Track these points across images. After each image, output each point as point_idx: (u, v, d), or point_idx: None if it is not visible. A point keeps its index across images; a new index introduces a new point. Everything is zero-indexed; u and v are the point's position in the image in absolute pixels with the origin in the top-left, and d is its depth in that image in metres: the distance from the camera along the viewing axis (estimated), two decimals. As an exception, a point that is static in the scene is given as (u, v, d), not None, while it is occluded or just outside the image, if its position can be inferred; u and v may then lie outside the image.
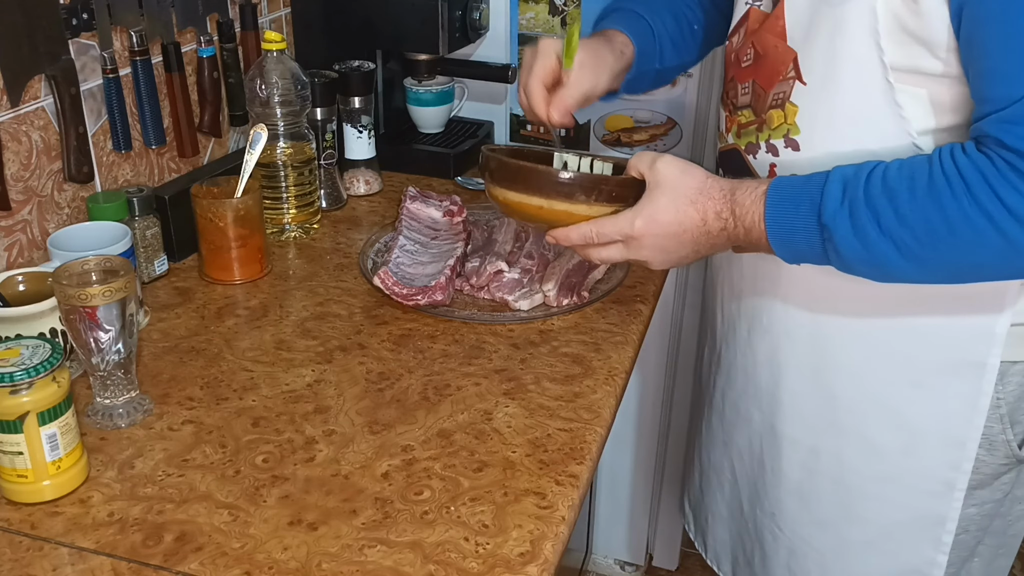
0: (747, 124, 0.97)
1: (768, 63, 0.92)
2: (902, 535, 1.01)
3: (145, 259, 1.16)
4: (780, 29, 0.90)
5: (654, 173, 0.90)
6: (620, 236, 0.91)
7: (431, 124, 1.63)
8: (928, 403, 0.94)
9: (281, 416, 0.93)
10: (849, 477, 1.01)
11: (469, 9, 1.49)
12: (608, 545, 2.07)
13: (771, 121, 0.93)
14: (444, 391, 0.98)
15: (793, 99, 0.90)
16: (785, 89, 0.91)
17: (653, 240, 0.90)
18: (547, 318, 1.12)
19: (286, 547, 0.77)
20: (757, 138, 0.96)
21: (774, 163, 0.94)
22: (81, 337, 0.87)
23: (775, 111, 0.93)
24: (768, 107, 0.93)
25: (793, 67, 0.89)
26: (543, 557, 0.76)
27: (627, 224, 0.90)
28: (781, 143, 0.93)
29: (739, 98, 0.98)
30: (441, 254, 1.21)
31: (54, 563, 0.75)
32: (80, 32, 1.12)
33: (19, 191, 1.08)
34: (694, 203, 0.88)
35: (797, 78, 0.89)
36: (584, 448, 0.89)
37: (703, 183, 0.88)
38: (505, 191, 0.98)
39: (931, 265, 0.80)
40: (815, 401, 1.01)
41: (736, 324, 1.10)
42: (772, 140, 0.94)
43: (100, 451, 0.88)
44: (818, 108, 0.89)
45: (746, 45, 0.95)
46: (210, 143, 1.41)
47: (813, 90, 0.89)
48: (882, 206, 0.78)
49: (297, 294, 1.17)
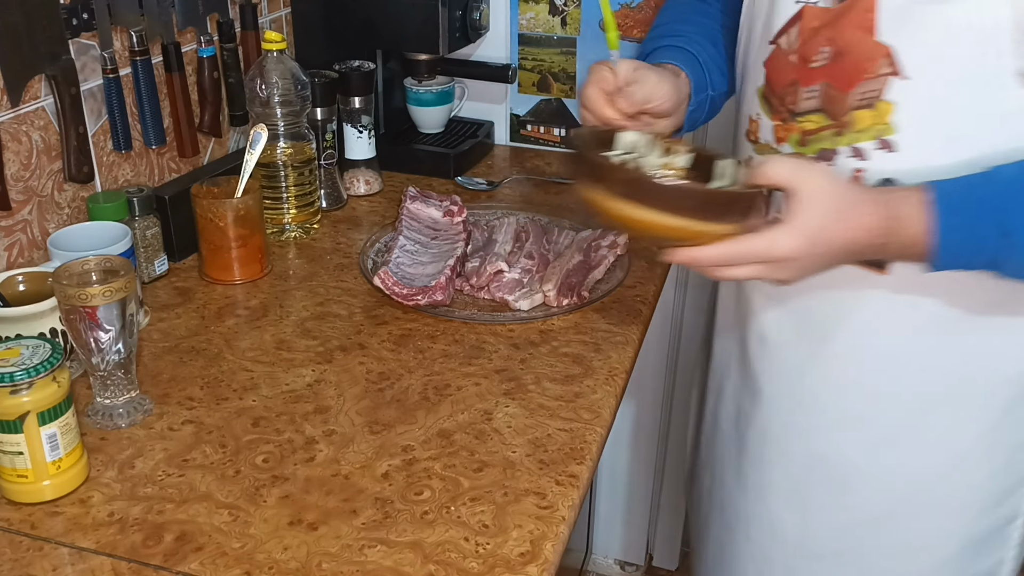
0: (817, 130, 0.90)
1: (851, 60, 0.86)
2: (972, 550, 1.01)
3: (145, 259, 1.16)
4: (868, 23, 0.83)
5: (798, 183, 0.79)
6: (763, 259, 0.80)
7: (431, 124, 1.63)
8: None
9: (281, 416, 0.93)
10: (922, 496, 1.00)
11: (469, 9, 1.49)
12: (608, 545, 2.07)
13: (856, 123, 0.87)
14: (444, 391, 0.98)
15: (887, 97, 0.85)
16: (876, 87, 0.85)
17: (801, 261, 0.80)
18: (547, 318, 1.12)
19: (286, 547, 0.77)
20: (834, 143, 0.89)
21: (860, 168, 0.88)
22: (81, 337, 0.87)
23: (863, 112, 0.86)
24: (850, 108, 0.87)
25: (887, 63, 0.83)
26: (543, 557, 0.76)
27: (772, 245, 0.79)
28: (871, 145, 0.87)
29: (801, 103, 0.91)
30: (441, 254, 1.21)
31: (54, 563, 0.75)
32: (80, 32, 1.12)
33: (19, 191, 1.08)
34: (845, 220, 0.79)
35: (894, 74, 0.83)
36: (584, 448, 0.89)
37: (854, 196, 0.80)
38: (631, 207, 0.79)
39: None
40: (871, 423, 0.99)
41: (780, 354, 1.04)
42: (858, 144, 0.88)
43: (100, 451, 0.88)
44: (921, 106, 0.83)
45: (814, 43, 0.88)
46: (210, 143, 1.41)
47: (916, 87, 0.83)
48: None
49: (297, 294, 1.17)
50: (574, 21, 1.59)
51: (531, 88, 1.66)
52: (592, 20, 1.57)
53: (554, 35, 1.61)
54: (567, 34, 1.60)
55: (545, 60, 1.63)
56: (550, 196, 1.48)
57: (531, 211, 1.38)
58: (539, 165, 1.62)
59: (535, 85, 1.66)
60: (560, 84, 1.64)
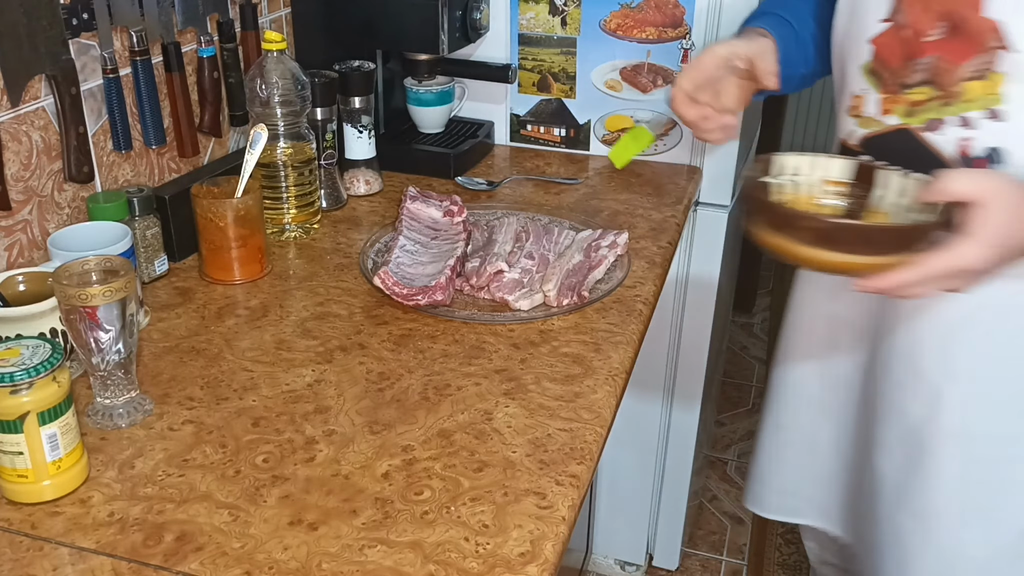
0: (925, 100, 0.95)
1: (965, 35, 0.91)
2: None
3: (145, 259, 1.16)
4: (975, 1, 0.89)
5: (980, 194, 0.82)
6: (951, 273, 0.83)
7: (431, 124, 1.63)
8: None
9: (281, 416, 0.93)
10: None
11: (469, 9, 1.49)
12: (608, 545, 2.07)
13: (966, 93, 0.92)
14: (444, 391, 0.98)
15: (1000, 69, 0.90)
16: (989, 60, 0.90)
17: (987, 271, 0.83)
18: (547, 318, 1.12)
19: (286, 547, 0.77)
20: (941, 113, 0.94)
21: (968, 137, 0.93)
22: (81, 337, 0.87)
23: (974, 83, 0.91)
24: (959, 79, 0.92)
25: (996, 37, 0.89)
26: (543, 557, 0.76)
27: (959, 259, 0.82)
28: (981, 115, 0.92)
29: (912, 76, 0.96)
30: (441, 254, 1.21)
31: (54, 563, 0.75)
32: (80, 32, 1.12)
33: (19, 191, 1.08)
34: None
35: (1002, 47, 0.89)
36: (584, 448, 0.89)
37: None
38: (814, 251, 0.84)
39: None
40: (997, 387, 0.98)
41: (887, 313, 1.05)
42: (968, 113, 0.92)
43: (100, 451, 0.88)
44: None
45: (926, 18, 0.93)
46: (210, 143, 1.41)
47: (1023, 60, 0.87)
48: None
49: (297, 294, 1.17)
50: (574, 21, 1.59)
51: (531, 88, 1.66)
52: (592, 20, 1.57)
53: (554, 35, 1.61)
54: (567, 34, 1.60)
55: (545, 60, 1.63)
56: (550, 196, 1.48)
57: (531, 211, 1.38)
58: (539, 165, 1.62)
59: (535, 85, 1.66)
60: (560, 84, 1.64)
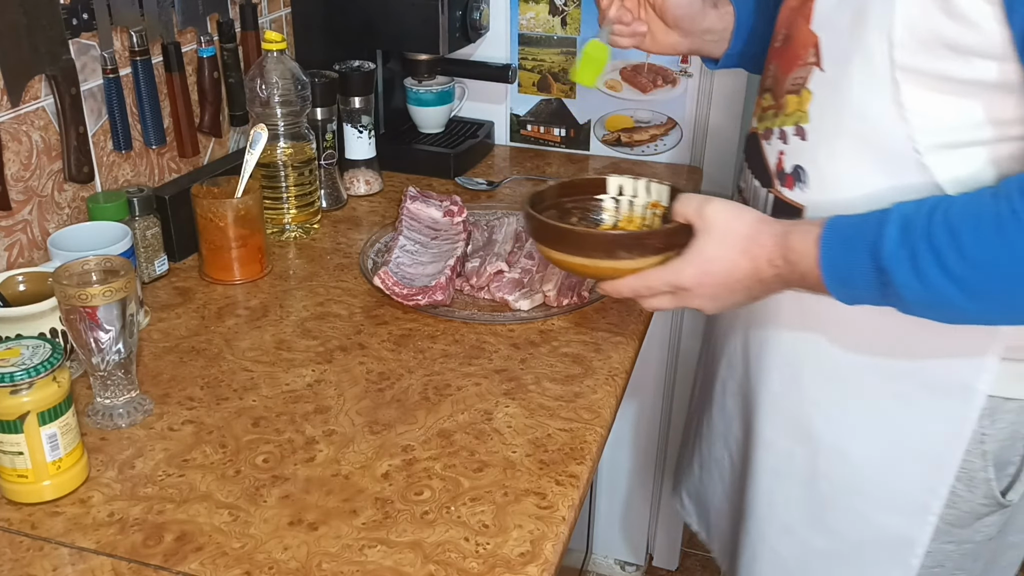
0: (767, 108, 0.95)
1: (792, 46, 0.90)
2: (870, 552, 0.97)
3: (145, 259, 1.16)
4: (808, 12, 0.87)
5: (703, 220, 0.85)
6: (669, 288, 0.87)
7: (431, 124, 1.63)
8: (910, 418, 0.91)
9: (281, 416, 0.93)
10: (821, 485, 0.98)
11: (469, 9, 1.49)
12: (608, 545, 2.07)
13: (786, 106, 0.91)
14: (444, 391, 0.98)
15: (810, 86, 0.87)
16: (804, 75, 0.88)
17: (703, 290, 0.86)
18: (547, 318, 1.12)
19: (286, 547, 0.77)
20: (773, 123, 0.94)
21: (783, 151, 0.92)
22: (81, 337, 0.87)
23: (791, 96, 0.90)
24: (785, 92, 0.91)
25: (814, 52, 0.86)
26: (543, 557, 0.76)
27: (675, 276, 0.86)
28: (792, 130, 0.90)
29: (765, 80, 0.96)
30: (441, 254, 1.21)
31: (54, 563, 0.75)
32: (80, 32, 1.12)
33: (19, 191, 1.08)
34: (745, 252, 0.83)
35: (817, 64, 0.86)
36: (584, 448, 0.89)
37: (753, 229, 0.83)
38: (548, 250, 0.93)
39: (997, 306, 0.75)
40: (794, 406, 0.99)
41: (734, 317, 1.07)
42: (784, 127, 0.91)
43: (100, 451, 0.88)
44: (829, 98, 0.86)
45: (780, 26, 0.94)
46: (210, 143, 1.41)
47: (828, 79, 0.86)
48: (945, 245, 0.72)
49: (297, 294, 1.17)
50: (574, 21, 1.59)
51: (531, 88, 1.66)
52: (592, 20, 1.57)
53: (554, 35, 1.61)
54: (567, 34, 1.60)
55: (545, 60, 1.63)
56: (550, 196, 1.48)
57: (531, 211, 1.37)
58: (539, 165, 1.62)
59: (535, 85, 1.66)
60: (560, 84, 1.64)
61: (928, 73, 0.77)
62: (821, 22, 0.86)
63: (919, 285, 0.74)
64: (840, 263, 0.78)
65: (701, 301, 0.87)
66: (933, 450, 0.90)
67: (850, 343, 0.92)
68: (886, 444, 0.93)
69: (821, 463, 0.98)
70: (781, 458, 1.01)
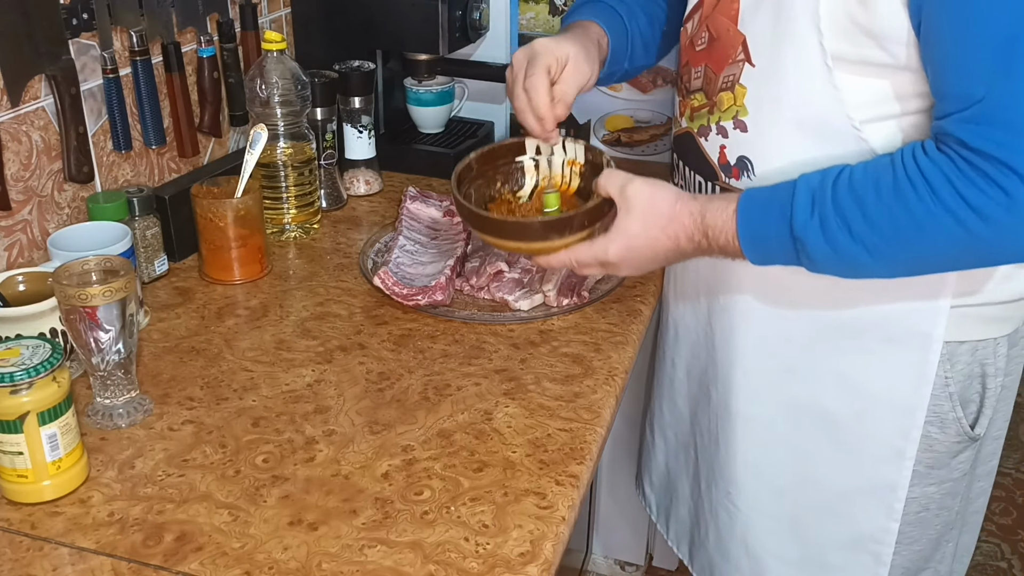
0: (700, 107, 1.00)
1: (720, 46, 0.95)
2: (856, 500, 1.04)
3: (145, 259, 1.16)
4: (733, 12, 0.93)
5: (624, 199, 0.92)
6: (597, 262, 0.95)
7: (431, 124, 1.63)
8: (878, 370, 0.98)
9: (281, 416, 0.93)
10: (805, 444, 1.04)
11: (469, 9, 1.49)
12: (608, 545, 2.06)
13: (721, 103, 0.96)
14: (444, 391, 0.98)
15: (742, 81, 0.93)
16: (735, 71, 0.93)
17: (628, 263, 0.94)
18: (547, 318, 1.12)
19: (286, 547, 0.77)
20: (708, 120, 0.99)
21: (724, 144, 0.97)
22: (81, 337, 0.87)
23: (725, 93, 0.95)
24: (719, 89, 0.96)
25: (743, 49, 0.92)
26: (543, 557, 0.76)
27: (602, 252, 0.94)
28: (731, 125, 0.96)
29: (692, 82, 1.01)
30: (441, 254, 1.21)
31: (54, 563, 0.75)
32: (80, 32, 1.12)
33: (19, 191, 1.08)
34: (665, 229, 0.90)
35: (747, 60, 0.92)
36: (584, 448, 0.89)
37: (673, 208, 0.90)
38: (484, 236, 1.00)
39: (900, 263, 0.84)
40: (769, 376, 1.04)
41: (696, 303, 1.12)
42: (722, 122, 0.97)
43: (100, 451, 0.88)
44: (764, 90, 0.92)
45: (701, 29, 0.98)
46: (210, 143, 1.41)
47: (760, 72, 0.91)
48: (851, 212, 0.81)
49: (297, 294, 1.17)
50: (574, 21, 1.58)
51: (531, 88, 1.66)
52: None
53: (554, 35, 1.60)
54: (567, 34, 1.60)
55: (545, 60, 1.63)
56: (550, 196, 1.48)
57: (531, 211, 1.37)
58: (539, 165, 1.62)
59: (535, 85, 1.65)
60: (560, 84, 1.64)
61: (852, 59, 0.85)
62: (746, 22, 0.92)
63: (829, 249, 0.82)
64: (757, 235, 0.86)
65: (627, 270, 0.97)
66: (902, 398, 0.97)
67: (814, 308, 0.99)
68: (859, 397, 1.00)
69: (803, 423, 1.04)
70: (763, 428, 1.07)
